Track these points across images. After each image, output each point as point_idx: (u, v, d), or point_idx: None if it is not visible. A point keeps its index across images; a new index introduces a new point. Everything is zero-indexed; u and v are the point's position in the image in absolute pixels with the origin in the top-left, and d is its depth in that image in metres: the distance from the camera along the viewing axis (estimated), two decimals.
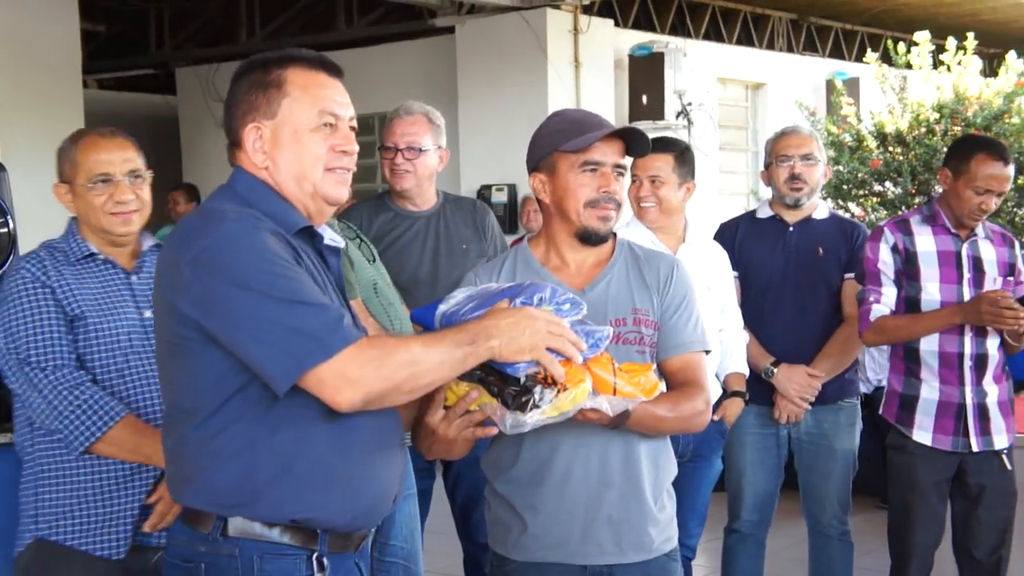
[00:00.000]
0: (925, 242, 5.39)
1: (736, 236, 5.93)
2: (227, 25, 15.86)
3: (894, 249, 5.39)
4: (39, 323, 3.75)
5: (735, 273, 5.79)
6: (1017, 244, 5.51)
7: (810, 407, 5.69)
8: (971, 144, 5.44)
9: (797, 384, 5.63)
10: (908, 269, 5.37)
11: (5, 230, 4.63)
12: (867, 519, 5.69)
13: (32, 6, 12.20)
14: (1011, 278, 5.37)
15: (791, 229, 5.83)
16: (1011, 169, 5.29)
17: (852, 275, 5.73)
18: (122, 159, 3.91)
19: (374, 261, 4.76)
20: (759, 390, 5.68)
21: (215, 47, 15.96)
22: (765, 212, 5.97)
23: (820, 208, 5.96)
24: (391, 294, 4.71)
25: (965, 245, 5.37)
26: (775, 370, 5.65)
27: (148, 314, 3.86)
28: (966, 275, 5.33)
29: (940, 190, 5.47)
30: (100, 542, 3.78)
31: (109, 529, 3.79)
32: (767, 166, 5.92)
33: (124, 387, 3.81)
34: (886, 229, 5.46)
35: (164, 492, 3.71)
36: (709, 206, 13.04)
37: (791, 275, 5.77)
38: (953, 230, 5.37)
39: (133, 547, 3.80)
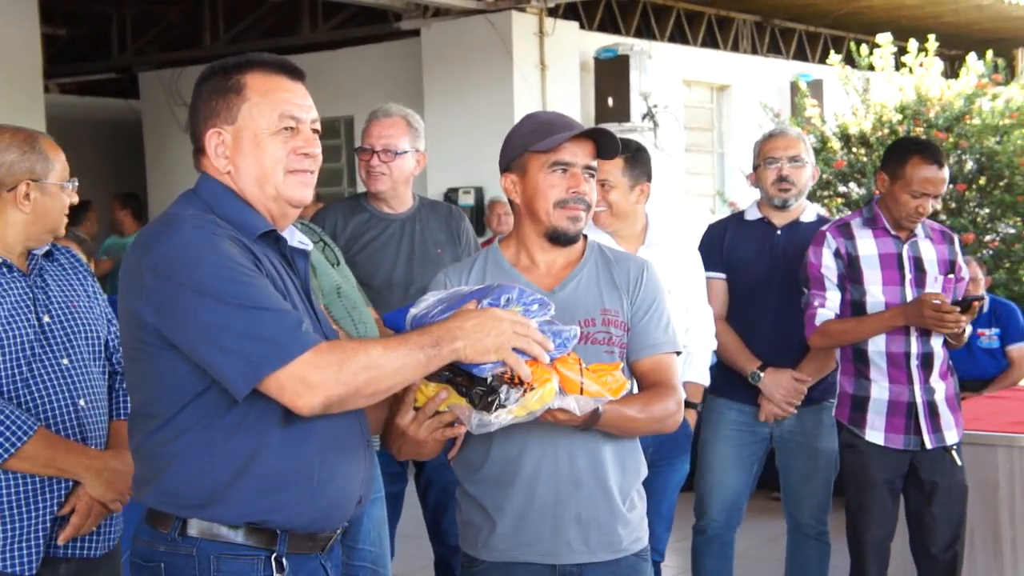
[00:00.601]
0: (866, 245, 5.43)
1: (724, 238, 5.95)
2: (190, 29, 15.84)
3: (836, 254, 5.43)
4: None
5: (722, 275, 5.83)
6: (957, 241, 5.57)
7: (796, 410, 5.72)
8: (906, 148, 5.46)
9: (784, 390, 5.66)
10: (851, 273, 5.42)
11: None
12: (840, 518, 5.71)
13: None
14: (951, 275, 5.42)
15: (779, 232, 5.86)
16: (946, 172, 5.34)
17: None
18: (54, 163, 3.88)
19: (338, 264, 4.74)
20: (743, 389, 5.73)
21: (178, 51, 15.94)
22: (753, 214, 5.99)
23: (808, 210, 5.98)
24: (355, 296, 4.69)
25: (906, 246, 5.42)
26: (762, 375, 5.67)
27: (47, 319, 3.82)
28: (908, 276, 5.38)
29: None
30: (11, 559, 3.72)
31: (19, 545, 3.72)
32: (755, 168, 5.94)
33: (28, 396, 3.73)
34: (828, 234, 5.50)
35: (77, 502, 3.71)
36: (676, 207, 13.07)
37: (778, 277, 5.78)
38: (893, 232, 5.42)
39: (44, 559, 3.75)
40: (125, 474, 3.69)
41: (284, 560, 2.90)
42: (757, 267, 5.77)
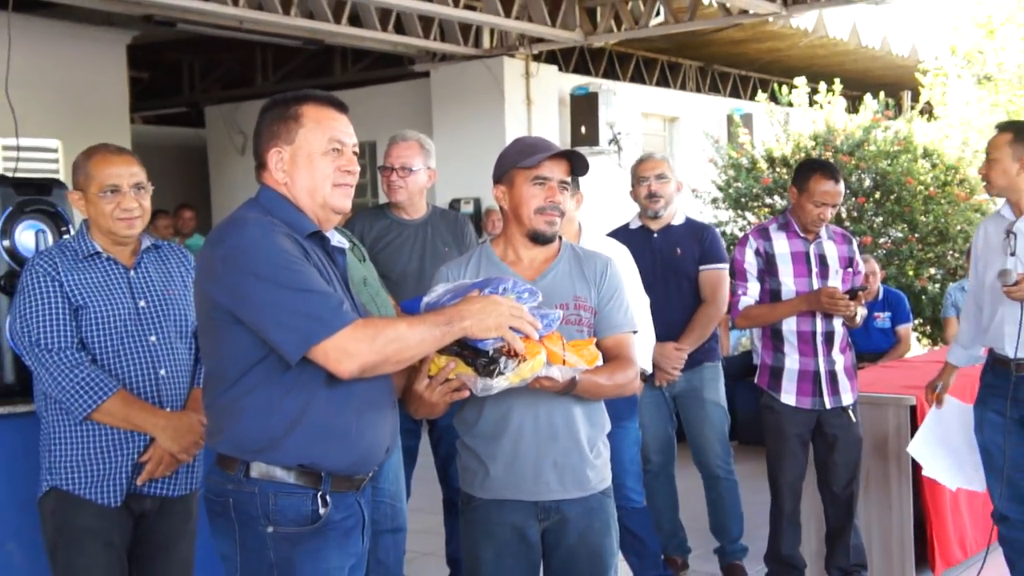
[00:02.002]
0: (781, 245, 5.45)
1: (617, 241, 5.96)
2: (245, 72, 15.81)
3: (756, 252, 5.46)
4: (48, 311, 3.70)
5: None
6: (855, 242, 5.60)
7: (681, 373, 5.80)
8: (810, 167, 5.51)
9: (668, 358, 5.73)
10: (768, 267, 5.44)
11: (68, 236, 4.60)
12: (760, 465, 5.74)
13: (88, 58, 12.14)
14: (850, 269, 5.45)
15: (655, 235, 5.93)
16: (841, 186, 5.38)
17: (706, 266, 5.86)
18: (129, 173, 3.85)
19: (364, 260, 4.76)
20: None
21: (236, 89, 15.89)
22: (636, 223, 6.05)
23: (678, 215, 6.01)
24: (377, 286, 4.71)
25: (812, 246, 5.44)
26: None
27: (142, 303, 3.84)
28: (814, 269, 5.39)
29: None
30: (101, 492, 3.74)
31: (107, 482, 3.74)
32: (633, 185, 5.98)
33: (119, 365, 3.75)
34: (750, 236, 5.54)
35: (153, 453, 3.72)
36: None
37: (659, 272, 5.83)
38: (802, 235, 5.44)
39: (129, 496, 3.77)
40: (191, 432, 3.75)
41: (327, 497, 2.92)
42: (641, 265, 5.65)
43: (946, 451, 5.42)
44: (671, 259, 5.84)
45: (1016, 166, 4.87)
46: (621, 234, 5.99)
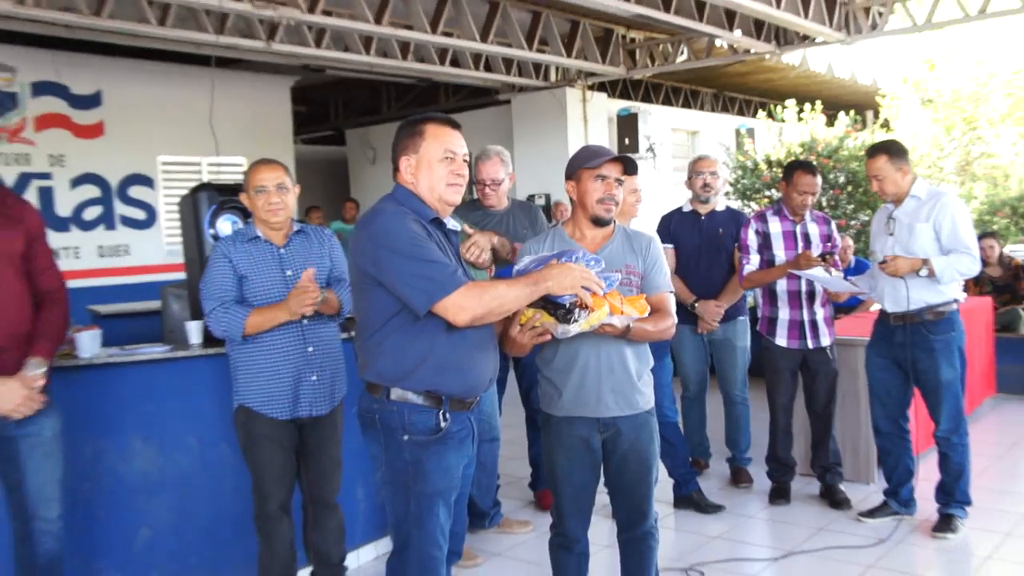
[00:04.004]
0: (775, 226, 5.39)
1: (671, 222, 5.93)
2: (374, 103, 15.85)
3: (756, 232, 5.41)
4: (222, 277, 3.80)
5: (671, 245, 5.80)
6: (832, 223, 5.50)
7: (719, 324, 5.74)
8: (793, 165, 5.42)
9: (709, 312, 5.69)
10: (765, 243, 5.38)
11: (243, 226, 4.66)
12: (761, 391, 5.73)
13: (264, 97, 12.40)
14: (829, 243, 5.37)
15: (703, 218, 5.84)
16: (819, 179, 5.33)
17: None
18: (273, 177, 3.88)
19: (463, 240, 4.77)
20: (689, 316, 5.71)
21: (367, 116, 15.95)
22: (687, 207, 5.96)
23: (720, 204, 5.94)
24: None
25: (798, 227, 5.38)
26: (696, 305, 5.70)
27: (288, 273, 3.88)
28: (800, 244, 5.34)
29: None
30: (272, 409, 3.81)
31: (276, 403, 3.82)
32: (689, 178, 5.91)
33: None
34: (752, 220, 5.48)
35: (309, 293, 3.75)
36: (664, 207, 13.03)
37: (704, 246, 5.77)
38: (791, 218, 5.38)
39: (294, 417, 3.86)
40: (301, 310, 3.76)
41: (447, 414, 2.94)
42: (691, 241, 5.70)
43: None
44: (714, 237, 5.76)
45: (899, 175, 4.79)
46: (675, 215, 5.96)
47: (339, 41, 10.13)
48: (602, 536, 4.87)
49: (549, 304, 3.00)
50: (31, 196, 10.02)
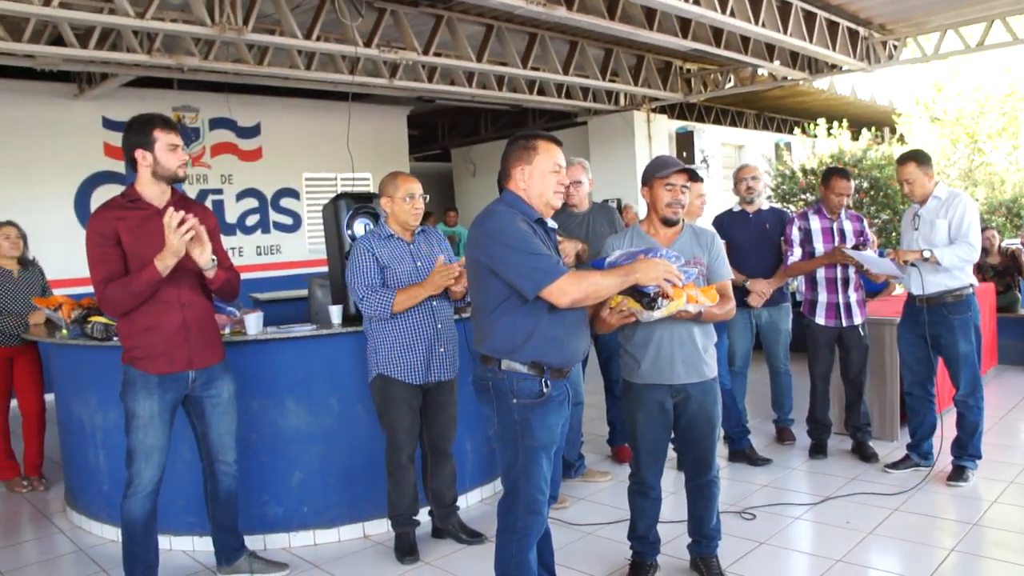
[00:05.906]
0: (815, 223, 5.23)
1: (724, 220, 5.74)
2: (474, 126, 15.85)
3: (799, 228, 5.26)
4: (367, 268, 3.79)
5: (723, 241, 5.59)
6: (864, 221, 5.29)
7: (765, 309, 5.52)
8: (830, 171, 5.23)
9: (759, 287, 5.45)
10: (807, 238, 5.23)
11: (375, 227, 4.67)
12: (803, 364, 5.56)
13: (386, 123, 12.40)
14: (861, 237, 5.19)
15: (751, 216, 5.63)
16: (852, 183, 5.18)
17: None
18: (418, 188, 3.92)
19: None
20: (739, 298, 5.50)
21: (468, 137, 15.95)
22: (737, 208, 5.76)
23: (764, 203, 5.74)
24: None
25: (835, 224, 5.20)
26: (747, 283, 5.48)
27: (419, 263, 3.88)
28: (836, 239, 5.17)
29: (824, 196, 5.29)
30: (406, 375, 3.81)
31: (410, 367, 3.81)
32: (735, 184, 5.73)
33: None
34: (795, 218, 5.33)
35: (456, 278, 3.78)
36: (715, 209, 12.82)
37: (753, 240, 5.55)
38: (828, 216, 5.22)
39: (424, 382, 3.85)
40: (445, 283, 3.77)
41: (548, 381, 2.89)
42: (741, 235, 5.50)
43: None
44: (762, 231, 5.54)
45: (926, 179, 4.67)
46: (727, 215, 5.78)
47: (447, 76, 10.14)
48: (668, 484, 4.77)
49: (635, 292, 2.94)
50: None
